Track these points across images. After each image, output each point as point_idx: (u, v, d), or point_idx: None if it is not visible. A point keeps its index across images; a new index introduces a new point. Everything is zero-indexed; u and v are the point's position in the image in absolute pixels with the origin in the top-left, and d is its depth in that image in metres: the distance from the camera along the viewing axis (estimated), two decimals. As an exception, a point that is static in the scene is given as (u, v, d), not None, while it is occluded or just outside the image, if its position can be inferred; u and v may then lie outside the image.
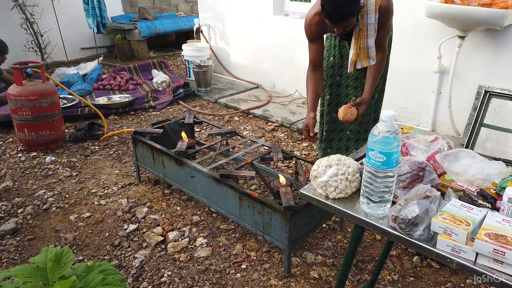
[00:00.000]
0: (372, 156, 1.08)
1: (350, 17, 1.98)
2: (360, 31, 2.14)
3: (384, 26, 2.18)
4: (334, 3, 1.93)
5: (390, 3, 2.12)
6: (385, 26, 2.19)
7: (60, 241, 2.19)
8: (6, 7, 5.09)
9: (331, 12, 1.96)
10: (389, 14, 2.14)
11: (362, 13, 2.08)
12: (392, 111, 1.04)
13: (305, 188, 1.30)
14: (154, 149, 2.51)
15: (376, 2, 2.07)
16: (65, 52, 5.92)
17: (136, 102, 4.15)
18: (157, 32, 6.32)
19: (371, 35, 2.14)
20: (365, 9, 2.08)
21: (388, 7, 2.11)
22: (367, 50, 2.19)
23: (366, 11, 2.08)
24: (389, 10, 2.13)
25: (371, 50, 2.18)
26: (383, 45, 2.26)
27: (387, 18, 2.15)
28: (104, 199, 2.57)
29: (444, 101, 3.23)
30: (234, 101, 4.29)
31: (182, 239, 2.21)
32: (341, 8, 1.93)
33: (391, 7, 2.13)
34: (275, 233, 1.91)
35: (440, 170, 1.27)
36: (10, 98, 3.04)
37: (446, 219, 1.01)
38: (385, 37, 2.24)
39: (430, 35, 3.15)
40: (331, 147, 2.73)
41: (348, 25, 2.05)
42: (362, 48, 2.19)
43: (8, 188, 2.67)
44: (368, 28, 2.13)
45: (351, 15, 1.97)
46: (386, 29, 2.20)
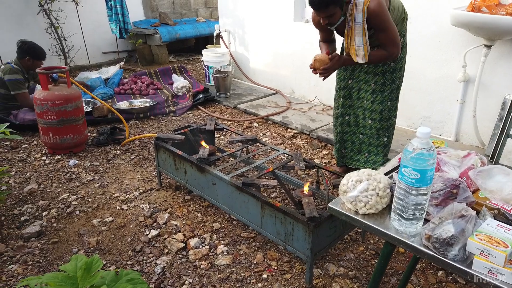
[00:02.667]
0: (405, 173, 1.06)
1: (330, 6, 2.13)
2: (350, 27, 2.27)
3: (379, 27, 2.26)
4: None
5: (380, 7, 2.17)
6: (381, 28, 2.25)
7: (83, 245, 2.22)
8: (32, 12, 5.22)
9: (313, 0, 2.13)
10: (379, 17, 2.21)
11: (351, 11, 2.21)
12: (427, 128, 1.02)
13: (333, 202, 1.28)
14: (176, 155, 2.52)
15: (364, 2, 2.17)
16: (87, 56, 6.03)
17: (156, 106, 4.19)
18: (177, 37, 6.39)
19: (359, 33, 2.24)
20: (354, 7, 2.20)
21: (376, 10, 2.18)
22: (355, 47, 2.30)
23: (355, 9, 2.20)
24: (378, 13, 2.19)
25: (359, 48, 2.28)
26: (386, 44, 2.31)
27: (378, 21, 2.22)
28: (126, 204, 2.60)
29: (468, 110, 3.17)
30: (253, 107, 4.29)
31: (203, 246, 2.21)
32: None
33: (380, 10, 2.18)
34: (297, 244, 1.90)
35: (473, 187, 1.24)
36: (36, 103, 3.11)
37: (482, 240, 0.98)
38: (385, 38, 2.29)
39: (455, 44, 3.10)
40: (345, 148, 2.80)
41: (330, 15, 2.19)
42: (352, 44, 2.31)
43: (33, 190, 2.72)
44: (355, 27, 2.24)
45: (331, 4, 2.12)
46: (383, 30, 2.26)
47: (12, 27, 5.20)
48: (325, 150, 3.37)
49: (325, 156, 3.25)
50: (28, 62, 3.64)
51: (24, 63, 3.64)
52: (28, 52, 3.61)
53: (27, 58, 3.62)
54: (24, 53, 3.61)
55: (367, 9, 2.18)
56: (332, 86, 2.86)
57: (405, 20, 2.49)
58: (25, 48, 3.60)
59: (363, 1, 2.18)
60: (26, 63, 3.64)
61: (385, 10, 2.22)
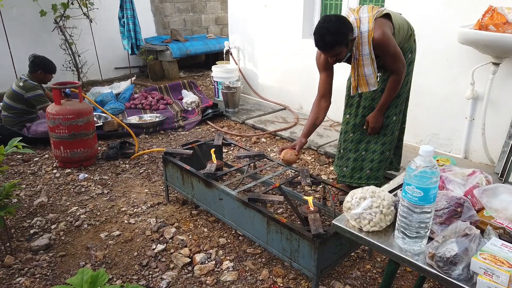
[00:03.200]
0: (409, 191, 1.07)
1: (336, 47, 2.20)
2: (356, 60, 2.34)
3: (386, 55, 2.34)
4: (320, 34, 2.17)
5: (384, 35, 2.25)
6: (388, 55, 2.33)
7: (90, 258, 2.23)
8: (48, 29, 5.38)
9: (318, 41, 2.21)
10: (384, 46, 2.28)
11: (357, 44, 2.29)
12: (430, 146, 1.03)
13: (338, 219, 1.29)
14: (183, 170, 2.55)
15: (369, 35, 2.25)
16: (100, 71, 6.16)
17: (166, 121, 4.25)
18: (187, 53, 6.50)
19: (367, 64, 2.32)
20: (359, 41, 2.28)
21: (381, 40, 2.25)
22: (365, 78, 2.37)
23: (360, 43, 2.28)
24: (383, 42, 2.27)
25: (370, 77, 2.36)
26: (394, 69, 2.40)
27: (383, 49, 2.30)
28: (134, 218, 2.62)
29: (477, 128, 3.16)
30: (261, 122, 4.32)
31: (209, 261, 2.21)
32: (327, 38, 2.16)
33: (385, 38, 2.25)
34: (303, 261, 1.89)
35: (478, 206, 1.23)
36: (48, 117, 3.18)
37: (486, 259, 0.97)
38: (393, 63, 2.37)
39: (463, 61, 3.11)
40: (347, 166, 2.79)
41: (337, 54, 2.26)
42: (361, 75, 2.39)
43: (43, 203, 2.76)
44: (363, 58, 2.32)
45: (336, 46, 2.19)
46: (390, 56, 2.33)
47: (28, 44, 5.36)
48: (332, 166, 3.36)
49: (333, 172, 3.25)
50: (40, 75, 3.77)
51: (36, 77, 3.77)
52: (40, 66, 3.74)
53: (39, 72, 3.75)
54: (36, 67, 3.74)
55: (373, 40, 2.25)
56: (340, 102, 2.88)
57: (412, 36, 2.53)
58: (38, 62, 3.74)
59: (367, 34, 2.24)
60: (38, 77, 3.77)
61: (390, 38, 2.28)
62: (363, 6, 2.38)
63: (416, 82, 3.34)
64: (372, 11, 2.31)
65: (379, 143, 2.64)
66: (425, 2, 3.24)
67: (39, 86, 3.77)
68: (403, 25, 2.43)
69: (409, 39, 2.50)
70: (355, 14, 2.31)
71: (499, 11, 2.77)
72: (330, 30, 2.15)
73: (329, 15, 2.23)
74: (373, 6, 2.37)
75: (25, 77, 3.74)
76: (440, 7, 3.16)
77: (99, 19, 5.81)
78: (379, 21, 2.28)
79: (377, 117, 2.55)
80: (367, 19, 2.26)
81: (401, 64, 2.37)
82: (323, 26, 2.17)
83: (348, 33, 2.21)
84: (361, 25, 2.26)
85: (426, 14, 3.24)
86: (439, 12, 3.17)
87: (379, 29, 2.24)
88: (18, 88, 3.70)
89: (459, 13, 3.05)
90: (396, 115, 2.59)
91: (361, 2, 3.95)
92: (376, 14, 2.29)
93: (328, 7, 4.29)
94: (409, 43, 2.52)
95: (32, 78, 3.76)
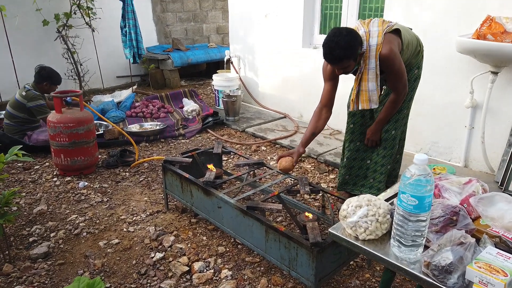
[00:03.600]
0: (404, 199, 1.07)
1: (344, 60, 2.19)
2: (361, 74, 2.32)
3: (390, 71, 2.32)
4: (330, 47, 2.18)
5: (391, 52, 2.24)
6: (392, 72, 2.32)
7: (89, 267, 2.23)
8: (50, 39, 5.43)
9: (327, 54, 2.21)
10: (390, 61, 2.27)
11: (364, 58, 2.27)
12: (424, 155, 1.04)
13: (334, 228, 1.29)
14: (183, 178, 2.55)
15: (377, 49, 2.24)
16: (101, 80, 6.20)
17: (166, 130, 4.27)
18: (189, 62, 6.55)
19: (372, 79, 2.30)
20: (367, 54, 2.26)
21: (388, 55, 2.24)
22: (368, 93, 2.35)
23: (368, 56, 2.27)
24: (390, 58, 2.25)
25: (372, 93, 2.34)
26: (394, 88, 2.39)
27: (389, 65, 2.28)
28: (133, 226, 2.62)
29: (477, 136, 3.16)
30: (262, 131, 4.33)
31: (207, 270, 2.21)
32: (336, 51, 2.16)
33: (391, 55, 2.24)
34: (301, 269, 1.88)
35: (474, 214, 1.23)
36: (49, 125, 3.20)
37: (481, 268, 0.97)
38: (394, 82, 2.36)
39: (462, 70, 3.12)
40: (350, 174, 2.79)
41: (345, 67, 2.26)
42: (363, 90, 2.36)
43: (42, 211, 2.77)
44: (369, 72, 2.30)
45: (345, 59, 2.19)
46: (394, 73, 2.32)
47: (31, 53, 5.40)
48: (332, 174, 3.36)
49: (332, 181, 3.24)
50: (45, 87, 3.82)
51: (42, 88, 3.82)
52: (47, 78, 3.81)
53: (45, 84, 3.80)
54: (42, 78, 3.79)
55: (380, 55, 2.24)
56: (340, 110, 2.89)
57: (420, 52, 2.51)
58: (44, 74, 3.79)
59: (376, 48, 2.23)
60: (43, 88, 3.82)
61: (397, 55, 2.26)
62: (374, 19, 2.36)
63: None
64: (382, 25, 2.29)
65: (380, 156, 2.63)
66: (423, 11, 3.27)
67: (41, 96, 3.80)
68: (412, 41, 2.41)
69: (417, 55, 2.49)
70: (365, 27, 2.30)
71: (497, 20, 2.79)
72: (340, 44, 2.14)
73: (340, 28, 2.22)
74: (384, 20, 2.35)
75: (29, 87, 3.78)
76: (439, 16, 3.18)
77: (101, 28, 5.87)
78: (388, 36, 2.27)
79: (374, 131, 2.57)
80: (377, 33, 2.25)
81: (401, 85, 2.36)
82: (333, 39, 2.16)
83: (357, 47, 2.20)
84: (370, 39, 2.25)
85: (425, 23, 3.26)
86: (438, 21, 3.19)
87: (388, 44, 2.23)
88: (20, 98, 3.73)
89: (458, 23, 3.07)
90: (396, 130, 2.57)
91: (360, 12, 3.98)
92: (386, 28, 2.27)
93: (328, 17, 4.33)
94: (417, 59, 2.50)
95: (37, 88, 3.80)
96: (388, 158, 2.62)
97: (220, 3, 7.67)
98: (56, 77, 3.86)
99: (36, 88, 3.80)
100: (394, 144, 2.61)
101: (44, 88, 3.81)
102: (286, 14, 4.52)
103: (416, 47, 2.47)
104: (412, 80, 2.51)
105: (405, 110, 2.57)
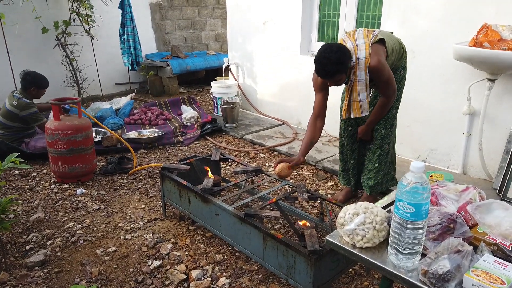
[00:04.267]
0: (400, 207, 1.07)
1: (336, 75, 2.31)
2: (352, 85, 2.45)
3: (380, 80, 2.45)
4: (322, 63, 2.29)
5: (379, 63, 2.36)
6: (381, 81, 2.45)
7: (86, 275, 2.21)
8: (49, 46, 5.45)
9: (319, 70, 2.32)
10: (379, 72, 2.39)
11: (354, 70, 2.40)
12: (421, 162, 1.04)
13: (331, 235, 1.28)
14: (180, 185, 2.55)
15: (366, 62, 2.36)
16: (100, 87, 6.21)
17: (165, 137, 4.27)
18: (187, 70, 6.57)
19: (363, 89, 2.44)
20: (356, 67, 2.39)
21: (377, 67, 2.37)
22: (359, 102, 2.49)
23: (357, 68, 2.39)
24: (379, 69, 2.38)
25: (363, 103, 2.48)
26: (384, 94, 2.52)
27: (378, 75, 2.42)
28: (130, 234, 2.61)
29: (474, 143, 3.16)
30: (260, 138, 4.34)
31: (205, 278, 2.19)
32: (328, 67, 2.27)
33: (380, 66, 2.37)
34: (299, 277, 1.87)
35: (471, 222, 1.23)
36: (47, 132, 3.19)
37: (479, 276, 0.97)
38: (384, 89, 2.50)
39: (459, 77, 3.14)
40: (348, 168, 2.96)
41: (337, 80, 2.37)
42: (354, 100, 2.50)
43: (39, 219, 2.76)
44: (359, 83, 2.43)
45: (337, 74, 2.30)
46: (383, 82, 2.45)
47: (29, 60, 5.41)
48: (330, 181, 3.36)
49: (331, 187, 3.24)
50: (33, 92, 3.83)
51: (30, 93, 3.82)
52: (33, 82, 3.80)
53: (33, 89, 3.81)
54: (29, 83, 3.79)
55: (369, 67, 2.36)
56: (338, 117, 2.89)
57: (403, 54, 2.64)
58: (30, 79, 3.79)
59: (364, 61, 2.36)
60: (32, 93, 3.83)
61: (385, 66, 2.39)
62: (358, 31, 2.49)
63: (413, 98, 3.37)
64: (367, 37, 2.42)
65: (370, 153, 2.77)
66: (421, 19, 3.29)
67: (33, 104, 3.79)
68: (395, 47, 2.54)
69: (401, 58, 2.62)
70: (352, 40, 2.42)
71: (493, 28, 2.81)
72: (331, 60, 2.26)
73: (330, 45, 2.33)
74: (368, 30, 2.48)
75: (18, 95, 3.75)
76: (436, 24, 3.21)
77: (100, 36, 5.89)
78: (375, 47, 2.39)
79: (365, 131, 2.70)
80: (364, 46, 2.37)
81: (391, 91, 2.49)
82: (324, 55, 2.28)
83: (347, 62, 2.32)
84: (359, 52, 2.37)
85: (422, 31, 3.28)
86: (435, 29, 3.22)
87: (375, 56, 2.35)
88: (11, 107, 3.71)
89: (454, 30, 3.09)
90: (386, 129, 2.68)
91: (358, 20, 4.01)
92: (371, 40, 2.40)
93: (325, 25, 4.36)
94: (401, 61, 2.63)
95: (26, 95, 3.79)
96: (376, 156, 2.73)
97: (219, 11, 7.71)
98: (42, 80, 3.85)
99: (25, 94, 3.79)
100: (383, 143, 2.71)
101: (32, 93, 3.81)
102: (284, 21, 4.55)
103: (400, 50, 2.59)
104: (398, 81, 2.63)
105: (393, 110, 2.68)
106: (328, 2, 4.26)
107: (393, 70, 2.56)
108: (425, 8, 3.25)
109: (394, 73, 2.57)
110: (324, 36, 4.41)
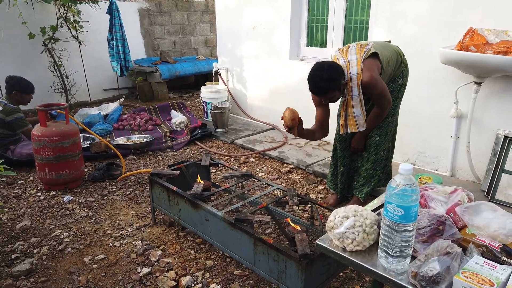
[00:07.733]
0: (390, 209, 1.06)
1: (329, 92, 2.35)
2: (346, 101, 2.50)
3: (373, 94, 2.49)
4: (314, 81, 2.34)
5: (371, 79, 2.39)
6: (375, 94, 2.49)
7: (73, 283, 2.17)
8: (37, 52, 5.38)
9: (312, 87, 2.37)
10: (372, 87, 2.43)
11: (347, 86, 2.44)
12: (409, 165, 1.04)
13: (321, 239, 1.27)
14: (170, 191, 2.52)
15: (358, 78, 2.40)
16: (88, 93, 6.14)
17: (154, 142, 4.23)
18: (177, 75, 6.55)
19: (357, 105, 2.48)
20: (349, 83, 2.43)
21: (369, 82, 2.40)
22: (355, 118, 2.53)
23: (350, 85, 2.43)
24: (371, 84, 2.41)
25: (358, 118, 2.52)
26: (378, 104, 2.54)
27: (371, 90, 2.46)
28: (119, 241, 2.57)
29: (462, 146, 3.20)
30: (250, 142, 4.33)
31: (195, 284, 2.17)
32: (320, 84, 2.32)
33: (372, 82, 2.40)
34: (290, 282, 1.86)
35: (460, 223, 1.23)
36: (34, 139, 3.14)
37: (468, 278, 0.97)
38: (379, 100, 2.52)
39: (447, 80, 3.18)
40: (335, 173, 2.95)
41: (331, 97, 2.40)
42: (350, 116, 2.54)
43: (26, 227, 2.70)
44: (353, 99, 2.47)
45: (330, 91, 2.34)
46: (377, 95, 2.48)
47: (16, 66, 5.34)
48: (321, 185, 3.36)
49: (321, 191, 3.24)
50: (15, 96, 3.76)
51: (13, 98, 3.76)
52: (15, 86, 3.74)
53: (14, 93, 3.74)
54: (11, 87, 3.74)
55: (362, 83, 2.39)
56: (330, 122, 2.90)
57: (402, 63, 2.64)
58: (12, 83, 3.74)
59: (357, 77, 2.39)
60: (14, 97, 3.76)
61: (378, 80, 2.40)
62: (352, 46, 2.50)
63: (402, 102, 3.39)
64: (360, 52, 2.43)
65: (364, 160, 2.76)
66: (407, 24, 3.33)
67: (19, 109, 3.72)
68: (392, 57, 2.54)
69: (399, 67, 2.61)
70: (344, 57, 2.44)
71: (479, 32, 2.85)
72: (323, 78, 2.29)
73: (322, 63, 2.36)
74: (361, 45, 2.49)
75: (4, 101, 3.69)
76: (422, 29, 3.24)
77: (88, 41, 5.84)
78: (367, 62, 2.40)
79: (358, 139, 2.70)
80: (356, 62, 2.40)
81: (386, 102, 2.50)
82: (316, 73, 2.31)
83: (340, 79, 2.34)
84: (351, 68, 2.40)
85: (410, 36, 3.32)
86: (422, 33, 3.25)
87: (367, 72, 2.37)
88: None
89: (441, 35, 3.13)
90: (381, 136, 2.67)
91: (346, 25, 4.04)
92: (364, 55, 2.41)
93: (314, 29, 4.38)
94: (400, 70, 2.63)
95: (11, 100, 3.73)
96: (371, 163, 2.72)
97: (208, 16, 7.72)
98: (25, 85, 3.78)
99: (10, 100, 3.73)
100: (378, 150, 2.71)
101: (15, 97, 3.75)
102: (273, 26, 4.57)
103: (397, 59, 2.59)
104: (397, 89, 2.63)
105: (389, 118, 2.67)
106: (316, 7, 4.28)
107: (392, 79, 2.59)
108: (411, 13, 3.29)
109: (393, 82, 2.59)
110: (313, 41, 4.44)
